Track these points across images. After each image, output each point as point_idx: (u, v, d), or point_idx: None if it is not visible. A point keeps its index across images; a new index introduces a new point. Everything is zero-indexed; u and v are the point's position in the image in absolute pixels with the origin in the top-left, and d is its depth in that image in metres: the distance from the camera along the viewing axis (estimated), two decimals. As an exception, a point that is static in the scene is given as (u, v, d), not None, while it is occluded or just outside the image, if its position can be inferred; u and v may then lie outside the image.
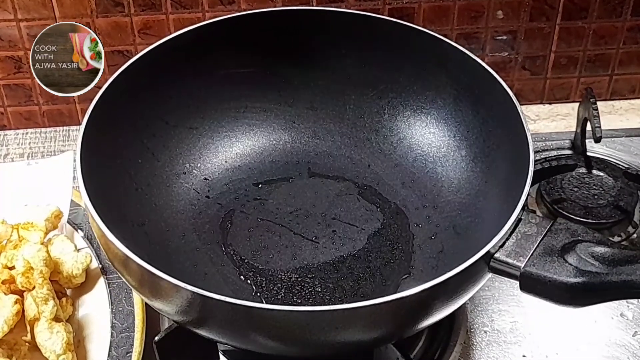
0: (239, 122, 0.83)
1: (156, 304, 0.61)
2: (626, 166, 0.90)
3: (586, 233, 0.60)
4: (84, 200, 0.61)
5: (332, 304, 0.60)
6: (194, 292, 0.55)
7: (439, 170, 0.79)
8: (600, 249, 0.58)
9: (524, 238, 0.60)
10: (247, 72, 0.81)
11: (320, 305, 0.68)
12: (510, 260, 0.59)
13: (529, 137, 0.65)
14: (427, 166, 0.80)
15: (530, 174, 0.63)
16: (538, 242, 0.60)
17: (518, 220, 0.61)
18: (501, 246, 0.59)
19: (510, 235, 0.60)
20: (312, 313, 0.55)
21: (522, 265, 0.58)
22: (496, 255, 0.59)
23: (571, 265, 0.57)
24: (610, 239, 0.81)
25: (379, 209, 0.78)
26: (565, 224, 0.61)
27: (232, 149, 0.82)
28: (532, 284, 0.58)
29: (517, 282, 0.59)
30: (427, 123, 0.80)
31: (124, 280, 0.64)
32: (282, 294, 0.70)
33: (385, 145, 0.82)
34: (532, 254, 0.59)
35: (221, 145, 0.82)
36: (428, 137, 0.80)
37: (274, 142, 0.83)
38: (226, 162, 0.81)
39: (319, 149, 0.83)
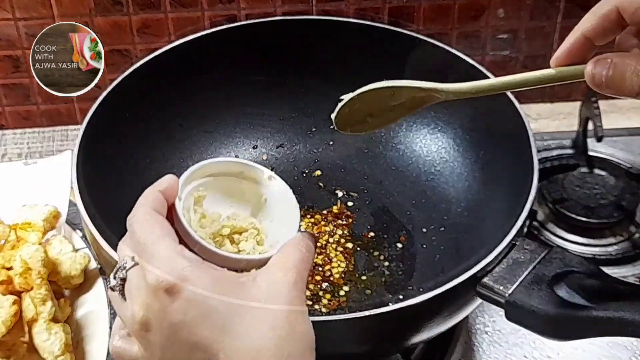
0: (254, 129, 0.83)
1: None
2: (628, 165, 0.90)
3: (581, 264, 0.58)
4: (78, 205, 0.61)
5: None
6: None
7: (451, 190, 0.78)
8: (591, 282, 0.56)
9: (516, 264, 0.58)
10: (269, 80, 0.81)
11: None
12: (496, 287, 0.57)
13: (534, 153, 0.65)
14: (439, 185, 0.79)
15: (529, 204, 0.62)
16: (529, 269, 0.58)
17: (511, 246, 0.59)
18: (489, 271, 0.58)
19: (500, 260, 0.58)
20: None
21: (508, 292, 0.56)
22: (484, 280, 0.58)
23: (558, 296, 0.55)
24: (610, 251, 0.82)
25: (385, 226, 0.77)
26: (560, 253, 0.59)
27: (243, 155, 0.82)
28: (516, 313, 0.56)
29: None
30: (443, 141, 0.80)
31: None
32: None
33: (399, 162, 0.81)
34: (520, 282, 0.57)
35: (233, 150, 0.82)
36: (442, 155, 0.80)
37: (288, 150, 0.83)
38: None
39: (332, 161, 0.82)
